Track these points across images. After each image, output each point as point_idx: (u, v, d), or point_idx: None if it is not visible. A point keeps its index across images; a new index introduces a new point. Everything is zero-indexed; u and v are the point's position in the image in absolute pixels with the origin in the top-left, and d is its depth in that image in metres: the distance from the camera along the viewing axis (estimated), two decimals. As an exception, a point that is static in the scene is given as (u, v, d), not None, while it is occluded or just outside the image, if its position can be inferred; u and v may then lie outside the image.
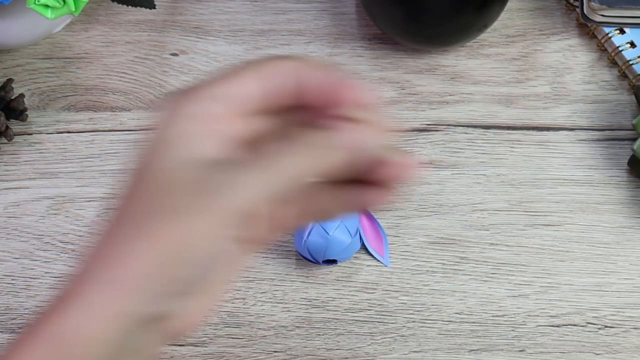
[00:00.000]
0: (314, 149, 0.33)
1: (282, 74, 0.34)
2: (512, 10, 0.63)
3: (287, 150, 0.32)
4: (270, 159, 0.32)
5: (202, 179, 0.31)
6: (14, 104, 0.58)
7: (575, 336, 0.53)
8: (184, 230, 0.31)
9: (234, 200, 0.31)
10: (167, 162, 0.32)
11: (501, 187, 0.57)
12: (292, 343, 0.53)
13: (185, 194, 0.31)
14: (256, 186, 0.31)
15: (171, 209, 0.31)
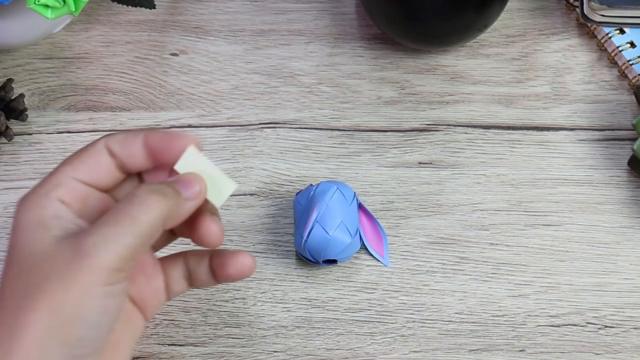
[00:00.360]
0: (163, 198, 0.39)
1: (128, 144, 0.41)
2: (512, 10, 0.63)
3: (140, 201, 0.38)
4: (126, 211, 0.38)
5: (67, 247, 0.36)
6: (14, 104, 0.58)
7: (575, 336, 0.53)
8: (64, 294, 0.35)
9: (102, 257, 0.36)
10: (31, 244, 0.37)
11: (501, 187, 0.57)
12: (292, 343, 0.53)
13: (57, 264, 0.36)
14: (116, 241, 0.37)
15: (46, 279, 0.36)
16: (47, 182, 0.39)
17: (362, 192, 0.57)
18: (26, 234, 0.38)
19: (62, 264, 0.36)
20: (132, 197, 0.38)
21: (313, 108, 0.60)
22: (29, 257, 0.37)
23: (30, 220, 0.38)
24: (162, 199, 0.38)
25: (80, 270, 0.36)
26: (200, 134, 0.59)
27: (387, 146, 0.59)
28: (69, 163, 0.40)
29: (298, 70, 0.61)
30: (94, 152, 0.41)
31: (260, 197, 0.57)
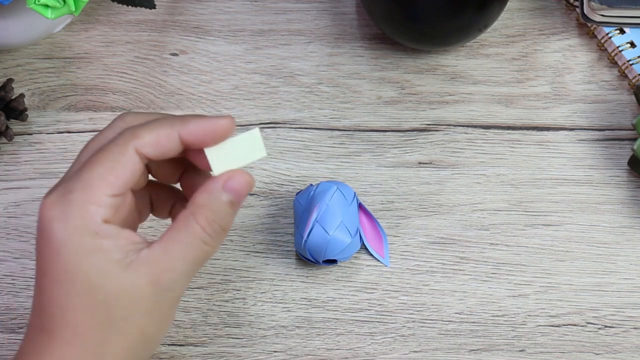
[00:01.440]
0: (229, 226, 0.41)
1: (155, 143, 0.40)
2: (512, 10, 0.63)
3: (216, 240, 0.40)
4: (203, 250, 0.40)
5: (144, 280, 0.39)
6: (14, 104, 0.58)
7: (575, 336, 0.53)
8: (152, 325, 0.40)
9: (181, 290, 0.40)
10: (96, 273, 0.38)
11: (501, 187, 0.57)
12: (292, 343, 0.53)
13: (140, 299, 0.39)
14: (191, 275, 0.40)
15: (132, 314, 0.39)
16: (87, 204, 0.38)
17: (362, 192, 0.57)
18: (87, 261, 0.38)
19: (146, 299, 0.39)
20: (204, 234, 0.40)
21: (313, 108, 0.60)
22: (100, 290, 0.38)
23: (86, 247, 0.38)
24: (228, 226, 0.41)
25: (164, 304, 0.40)
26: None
27: (387, 146, 0.59)
28: (103, 178, 0.38)
29: (298, 70, 0.61)
30: (126, 162, 0.39)
31: (260, 197, 0.57)
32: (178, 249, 0.39)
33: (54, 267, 0.38)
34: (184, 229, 0.39)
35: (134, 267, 0.38)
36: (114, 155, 0.39)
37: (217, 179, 0.40)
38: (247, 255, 0.55)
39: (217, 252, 0.55)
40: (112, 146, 0.39)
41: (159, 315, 0.40)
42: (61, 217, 0.38)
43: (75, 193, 0.38)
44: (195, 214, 0.39)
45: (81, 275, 0.38)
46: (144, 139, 0.39)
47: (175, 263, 0.39)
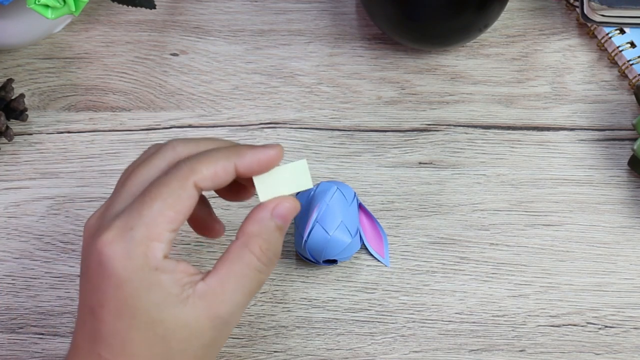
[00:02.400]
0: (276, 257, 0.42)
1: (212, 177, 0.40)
2: (512, 10, 0.63)
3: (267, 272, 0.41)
4: (255, 279, 0.41)
5: (203, 315, 0.39)
6: (14, 104, 0.58)
7: (575, 336, 0.53)
8: (207, 358, 0.41)
9: (236, 321, 0.41)
10: (156, 308, 0.39)
11: (501, 187, 0.57)
12: (292, 343, 0.53)
13: (199, 335, 0.40)
14: (245, 306, 0.41)
15: (190, 347, 0.40)
16: (150, 242, 0.39)
17: (362, 192, 0.57)
18: (146, 297, 0.38)
19: (205, 333, 0.40)
20: (259, 263, 0.40)
21: (313, 108, 0.60)
22: (159, 324, 0.39)
23: (146, 283, 0.38)
24: (278, 252, 0.42)
25: (220, 337, 0.41)
26: (201, 134, 0.59)
27: (387, 146, 0.59)
28: (164, 215, 0.39)
29: (298, 70, 0.61)
30: (186, 197, 0.39)
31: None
32: (234, 281, 0.40)
33: (114, 301, 0.39)
34: (238, 260, 0.40)
35: (192, 302, 0.39)
36: (173, 191, 0.39)
37: (265, 207, 0.41)
38: (247, 255, 0.55)
39: (218, 252, 0.55)
40: (171, 181, 0.39)
41: (215, 348, 0.41)
42: (124, 255, 0.38)
43: (137, 230, 0.38)
44: (249, 244, 0.40)
45: (141, 310, 0.39)
46: (203, 174, 0.40)
47: (232, 296, 0.40)
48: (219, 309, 0.39)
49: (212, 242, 0.55)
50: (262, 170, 0.41)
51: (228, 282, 0.40)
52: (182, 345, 0.39)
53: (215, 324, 0.40)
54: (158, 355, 0.39)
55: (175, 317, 0.39)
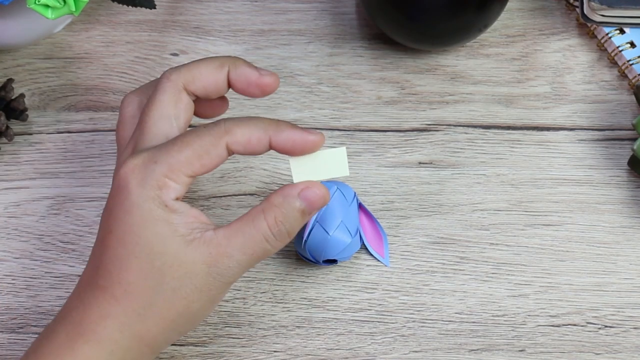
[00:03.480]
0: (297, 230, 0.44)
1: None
2: (512, 10, 0.63)
3: (281, 240, 0.43)
4: (263, 247, 0.42)
5: (202, 259, 0.41)
6: (14, 104, 0.58)
7: (575, 336, 0.53)
8: (200, 303, 0.42)
9: (235, 278, 0.42)
10: (160, 242, 0.40)
11: (501, 187, 0.57)
12: (292, 343, 0.53)
13: (194, 276, 0.41)
14: (248, 267, 0.43)
15: (182, 287, 0.41)
16: (167, 179, 0.41)
17: (362, 192, 0.57)
18: (152, 228, 0.40)
19: (199, 276, 0.41)
20: (269, 233, 0.42)
21: (313, 108, 0.60)
22: (159, 257, 0.41)
23: (154, 215, 0.40)
24: (294, 232, 0.43)
25: (214, 286, 0.42)
26: (201, 134, 0.59)
27: (387, 146, 0.59)
28: (190, 164, 0.41)
29: (298, 70, 0.61)
30: (216, 155, 0.41)
31: (260, 197, 0.57)
32: (240, 239, 0.41)
33: (122, 226, 0.41)
34: (251, 222, 0.42)
35: (195, 245, 0.41)
36: (205, 145, 0.41)
37: (295, 186, 0.42)
38: (247, 255, 0.55)
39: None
40: (205, 135, 0.41)
41: (207, 295, 0.42)
42: (140, 181, 0.41)
43: (159, 165, 0.41)
44: (266, 211, 0.42)
45: (145, 239, 0.40)
46: (237, 138, 0.41)
47: (234, 251, 0.41)
48: (218, 259, 0.41)
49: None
50: (296, 152, 0.43)
51: (235, 238, 0.41)
52: (175, 283, 0.41)
53: (211, 271, 0.41)
54: (151, 288, 0.41)
55: (176, 253, 0.40)
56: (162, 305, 0.41)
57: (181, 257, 0.41)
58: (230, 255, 0.41)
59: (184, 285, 0.41)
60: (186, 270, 0.41)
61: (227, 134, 0.41)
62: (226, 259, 0.41)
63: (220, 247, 0.41)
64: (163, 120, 0.43)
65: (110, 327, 0.41)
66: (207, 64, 0.44)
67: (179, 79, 0.43)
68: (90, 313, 0.42)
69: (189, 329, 0.44)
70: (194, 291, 0.41)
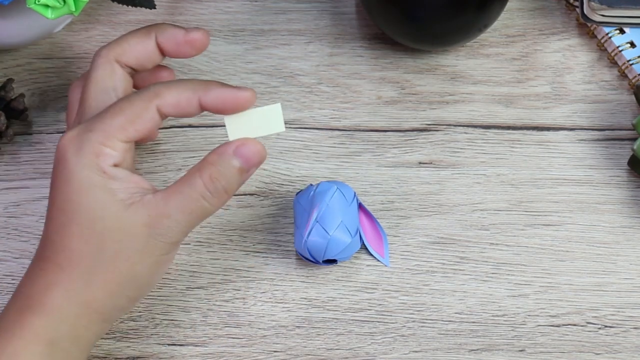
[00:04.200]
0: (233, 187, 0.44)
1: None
2: (512, 10, 0.63)
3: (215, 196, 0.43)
4: (200, 205, 0.42)
5: (140, 221, 0.41)
6: (14, 103, 0.58)
7: (575, 336, 0.53)
8: (143, 266, 0.42)
9: (175, 238, 0.43)
10: (99, 207, 0.41)
11: (501, 187, 0.57)
12: (292, 343, 0.53)
13: (134, 237, 0.42)
14: (188, 226, 0.43)
15: (124, 250, 0.42)
16: (103, 146, 0.41)
17: (362, 192, 0.57)
18: (91, 194, 0.41)
19: (139, 238, 0.42)
20: (205, 190, 0.42)
21: (313, 108, 0.60)
22: (99, 221, 0.41)
23: (92, 181, 0.41)
24: (231, 190, 0.43)
25: (155, 247, 0.42)
26: (201, 133, 0.59)
27: (387, 146, 0.59)
28: (123, 128, 0.41)
29: (298, 70, 0.61)
30: (148, 118, 0.42)
31: (260, 197, 0.57)
32: (178, 199, 0.42)
33: (61, 196, 0.42)
34: (187, 181, 0.42)
35: (134, 208, 0.41)
36: (137, 109, 0.42)
37: (229, 143, 0.43)
38: (247, 255, 0.55)
39: (217, 251, 0.55)
40: (135, 100, 0.42)
41: (150, 257, 0.42)
42: (76, 151, 0.41)
43: (94, 133, 0.41)
44: (202, 169, 0.42)
45: (84, 205, 0.41)
46: (166, 100, 0.42)
47: (172, 211, 0.42)
48: (157, 220, 0.42)
49: (212, 242, 0.56)
50: (228, 110, 0.43)
51: (172, 199, 0.42)
52: (116, 246, 0.41)
53: (152, 232, 0.42)
54: (92, 253, 0.41)
55: (115, 218, 0.41)
56: (105, 269, 0.42)
57: (121, 220, 0.41)
58: (169, 215, 0.42)
59: (125, 248, 0.42)
60: (126, 233, 0.41)
61: (157, 96, 0.42)
62: (165, 219, 0.42)
63: (159, 208, 0.41)
64: (102, 94, 0.44)
65: (56, 296, 0.42)
66: (134, 34, 0.45)
67: (110, 53, 0.45)
68: (37, 284, 0.42)
69: (138, 294, 0.44)
70: (135, 253, 0.42)
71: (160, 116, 0.42)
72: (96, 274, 0.42)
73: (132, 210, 0.41)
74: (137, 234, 0.42)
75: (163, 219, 0.42)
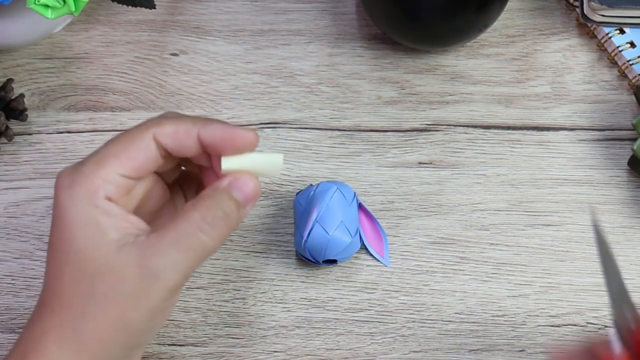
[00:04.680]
0: (230, 221, 0.40)
1: (177, 136, 0.41)
2: (512, 10, 0.63)
3: (211, 227, 0.39)
4: (196, 238, 0.39)
5: (133, 262, 0.38)
6: (14, 104, 0.58)
7: (575, 336, 0.53)
8: (135, 310, 0.38)
9: (171, 280, 0.38)
10: (90, 246, 0.38)
11: (501, 187, 0.57)
12: (292, 343, 0.53)
13: (125, 280, 0.38)
14: (185, 265, 0.39)
15: (115, 294, 0.38)
16: (95, 176, 0.39)
17: (362, 192, 0.57)
18: (82, 232, 0.38)
19: (132, 280, 0.38)
20: (202, 222, 0.39)
21: (313, 108, 0.60)
22: (90, 262, 0.38)
23: (83, 217, 0.38)
24: (229, 222, 0.40)
25: (150, 291, 0.38)
26: (200, 134, 0.59)
27: (387, 146, 0.59)
28: (116, 156, 0.39)
29: (298, 70, 0.61)
30: (142, 145, 0.40)
31: (260, 197, 0.57)
32: (173, 235, 0.38)
33: (56, 234, 0.39)
34: (183, 216, 0.39)
35: (126, 249, 0.38)
36: (131, 137, 0.40)
37: (224, 177, 0.40)
38: (247, 255, 0.55)
39: (217, 252, 0.55)
40: (132, 130, 0.40)
41: (144, 302, 0.38)
42: (68, 185, 0.39)
43: (86, 165, 0.39)
44: (197, 203, 0.39)
45: (76, 245, 0.38)
46: (164, 128, 0.40)
47: (167, 248, 0.38)
48: (150, 260, 0.38)
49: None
50: (227, 148, 0.40)
51: (166, 236, 0.38)
52: (106, 289, 0.38)
53: (144, 273, 0.38)
54: (84, 295, 0.38)
55: (106, 259, 0.38)
56: (96, 315, 0.38)
57: (112, 261, 0.38)
58: (164, 252, 0.38)
59: (116, 292, 0.38)
60: (117, 275, 0.38)
61: (155, 125, 0.40)
62: (159, 257, 0.38)
63: (152, 246, 0.38)
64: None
65: (49, 344, 0.39)
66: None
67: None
68: (34, 331, 0.40)
69: (134, 343, 0.40)
70: (127, 297, 0.38)
71: (157, 146, 0.40)
72: (86, 319, 0.38)
73: (124, 251, 0.38)
74: (129, 276, 0.38)
75: (157, 257, 0.38)
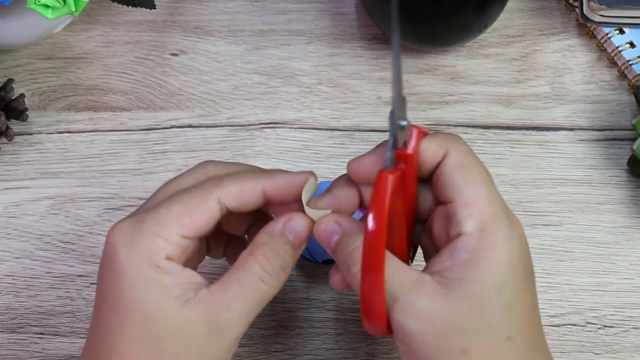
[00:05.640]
0: (287, 268, 0.41)
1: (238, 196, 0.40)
2: (512, 10, 0.63)
3: (273, 277, 0.40)
4: (259, 289, 0.40)
5: (198, 318, 0.38)
6: (14, 104, 0.58)
7: (575, 336, 0.53)
8: None
9: (236, 332, 0.39)
10: (154, 307, 0.38)
11: (501, 187, 0.57)
12: (292, 343, 0.53)
13: (193, 337, 0.38)
14: (248, 315, 0.40)
15: (184, 352, 0.38)
16: (156, 236, 0.38)
17: (362, 192, 0.57)
18: (145, 292, 0.38)
19: (200, 336, 0.38)
20: (262, 272, 0.39)
21: (313, 108, 0.60)
22: (154, 322, 0.38)
23: (145, 277, 0.38)
24: (287, 267, 0.40)
25: (218, 344, 0.39)
26: (200, 134, 0.59)
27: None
28: (179, 218, 0.39)
29: (298, 70, 0.61)
30: (206, 208, 0.39)
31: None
32: (235, 287, 0.39)
33: (113, 292, 0.38)
34: (242, 268, 0.39)
35: (190, 305, 0.38)
36: (195, 199, 0.39)
37: (277, 220, 0.40)
38: (247, 255, 0.55)
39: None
40: (194, 190, 0.39)
41: (211, 357, 0.39)
42: (128, 242, 0.38)
43: (147, 224, 0.38)
44: (254, 252, 0.39)
45: (138, 304, 0.38)
46: (228, 190, 0.39)
47: (231, 302, 0.39)
48: (216, 315, 0.38)
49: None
50: (292, 197, 0.40)
51: (229, 289, 0.39)
52: (174, 348, 0.38)
53: (212, 329, 0.38)
54: (149, 356, 0.38)
55: (172, 317, 0.38)
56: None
57: (178, 319, 0.38)
58: (228, 306, 0.38)
59: (185, 350, 0.38)
60: (185, 332, 0.38)
61: (218, 187, 0.39)
62: (225, 312, 0.38)
63: (216, 301, 0.38)
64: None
65: None
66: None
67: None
68: None
69: None
70: (196, 355, 0.38)
71: (220, 208, 0.40)
72: None
73: (188, 307, 0.38)
74: (197, 333, 0.38)
75: (222, 312, 0.38)
